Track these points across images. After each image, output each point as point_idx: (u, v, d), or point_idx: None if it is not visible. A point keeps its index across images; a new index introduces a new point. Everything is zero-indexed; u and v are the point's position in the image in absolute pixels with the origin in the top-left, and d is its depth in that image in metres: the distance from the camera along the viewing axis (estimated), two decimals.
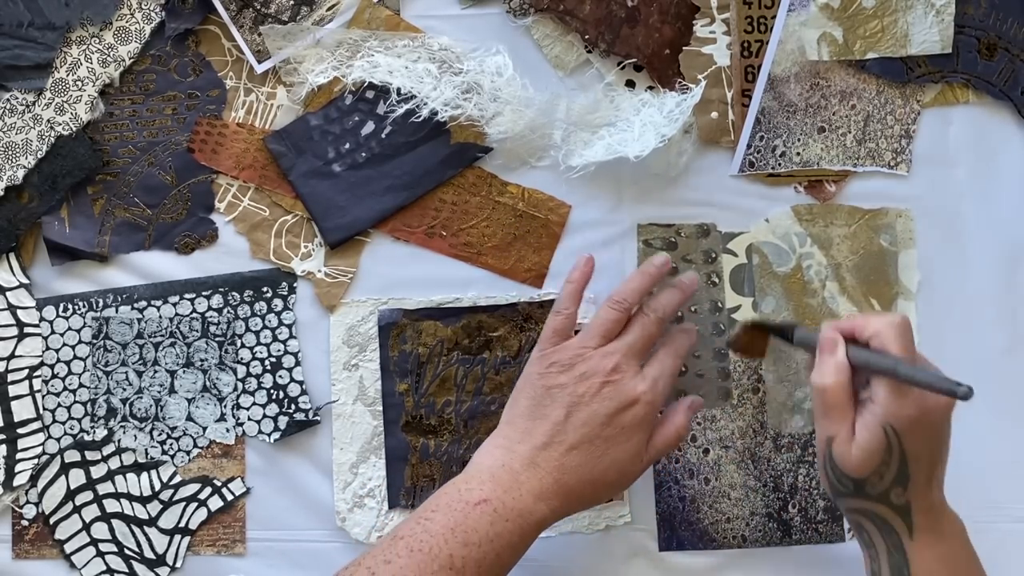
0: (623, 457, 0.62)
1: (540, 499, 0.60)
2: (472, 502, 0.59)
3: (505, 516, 0.59)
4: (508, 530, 0.58)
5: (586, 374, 0.63)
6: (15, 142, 0.71)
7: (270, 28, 0.71)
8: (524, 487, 0.60)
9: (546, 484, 0.61)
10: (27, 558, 0.72)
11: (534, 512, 0.60)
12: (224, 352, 0.72)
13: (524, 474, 0.61)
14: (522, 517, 0.59)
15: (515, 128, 0.71)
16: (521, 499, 0.60)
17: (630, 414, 0.62)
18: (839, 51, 0.71)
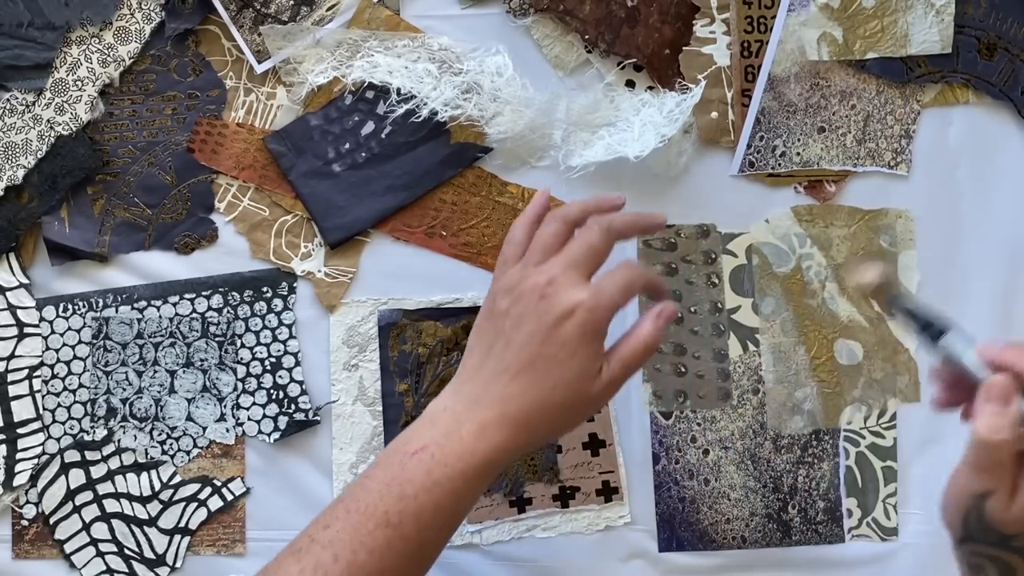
0: (570, 376, 0.56)
1: (481, 438, 0.55)
2: (409, 452, 0.55)
3: (443, 461, 0.55)
4: (448, 476, 0.54)
5: (523, 293, 0.57)
6: (15, 142, 0.71)
7: (270, 28, 0.71)
8: (464, 427, 0.56)
9: (488, 419, 0.56)
10: (27, 558, 0.72)
11: (475, 452, 0.55)
12: (224, 352, 0.73)
13: (465, 413, 0.56)
14: (463, 460, 0.55)
15: (515, 128, 0.71)
16: (461, 441, 0.55)
17: (569, 325, 0.55)
18: (839, 51, 0.71)
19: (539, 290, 0.57)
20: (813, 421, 0.72)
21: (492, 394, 0.56)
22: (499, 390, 0.56)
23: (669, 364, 0.72)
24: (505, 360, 0.57)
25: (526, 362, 0.56)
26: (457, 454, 0.55)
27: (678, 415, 0.72)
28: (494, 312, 0.58)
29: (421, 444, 0.56)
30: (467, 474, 0.55)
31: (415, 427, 0.57)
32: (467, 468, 0.55)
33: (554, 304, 0.56)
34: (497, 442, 0.56)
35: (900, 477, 0.72)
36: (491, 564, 0.72)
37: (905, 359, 0.72)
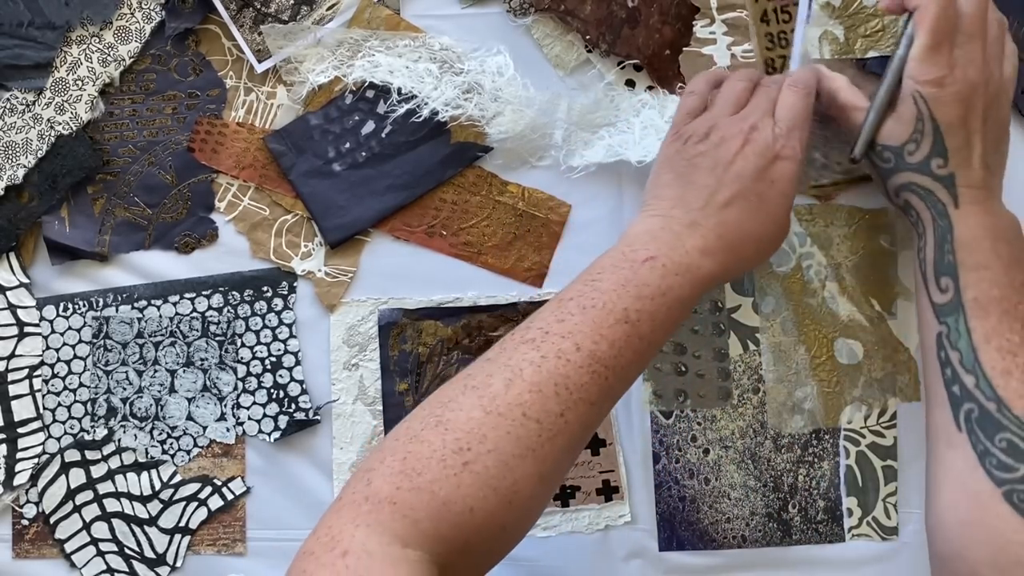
0: (779, 212, 0.61)
1: (705, 254, 0.59)
2: (639, 260, 0.58)
3: (674, 271, 0.58)
4: (679, 284, 0.58)
5: (724, 138, 0.62)
6: (15, 141, 0.71)
7: (270, 28, 0.71)
8: (688, 244, 0.59)
9: (709, 240, 0.60)
10: (27, 558, 0.72)
11: (701, 267, 0.59)
12: (224, 351, 0.73)
13: (685, 233, 0.60)
14: (690, 272, 0.58)
15: (516, 128, 0.71)
16: (687, 255, 0.59)
17: (779, 167, 0.61)
18: (840, 49, 0.71)
19: (743, 134, 0.61)
20: (813, 420, 0.72)
21: (709, 220, 0.60)
22: (714, 215, 0.60)
23: (669, 363, 0.72)
24: (715, 192, 0.61)
25: (739, 195, 0.60)
26: (685, 266, 0.58)
27: (678, 414, 0.72)
28: (687, 152, 0.63)
29: (649, 254, 0.59)
30: (693, 285, 0.59)
31: (634, 240, 0.60)
32: (693, 280, 0.59)
33: (762, 147, 0.61)
34: (720, 260, 0.60)
35: (900, 476, 0.72)
36: None
37: (905, 358, 0.72)
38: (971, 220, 0.61)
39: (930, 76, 0.61)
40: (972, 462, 0.59)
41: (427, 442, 0.52)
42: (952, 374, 0.60)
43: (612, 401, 0.58)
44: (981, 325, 0.60)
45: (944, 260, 0.61)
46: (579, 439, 0.56)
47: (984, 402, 0.59)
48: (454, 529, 0.51)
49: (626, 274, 0.58)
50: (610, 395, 0.56)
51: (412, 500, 0.50)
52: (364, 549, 0.48)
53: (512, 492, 0.52)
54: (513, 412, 0.52)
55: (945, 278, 0.61)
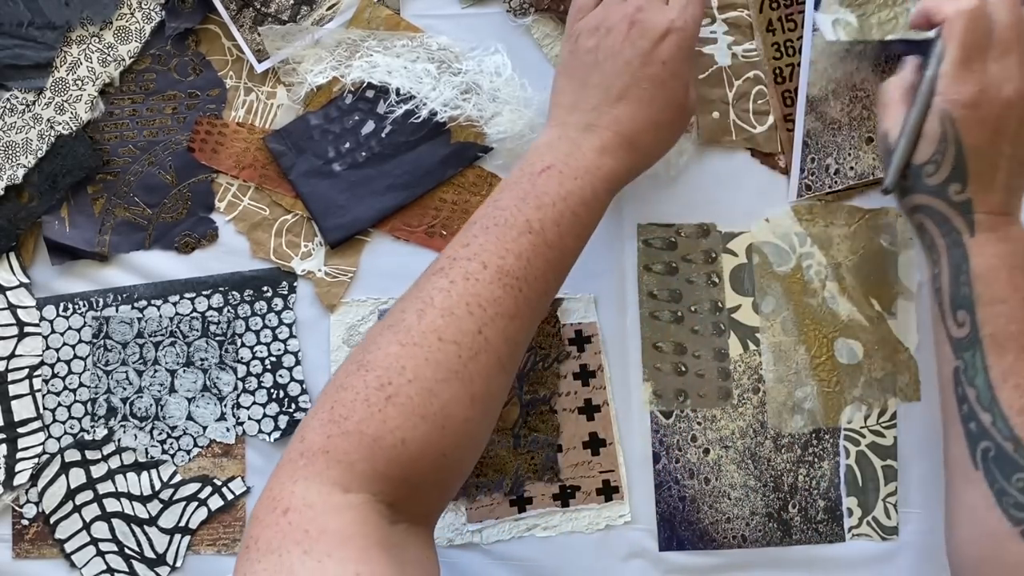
0: (673, 94, 0.60)
1: (604, 153, 0.59)
2: (536, 172, 0.58)
3: (572, 175, 0.58)
4: (579, 186, 0.58)
5: (611, 26, 0.61)
6: (15, 141, 0.71)
7: (269, 28, 0.71)
8: (584, 147, 0.59)
9: (606, 139, 0.59)
10: (27, 557, 0.72)
11: (601, 166, 0.59)
12: (224, 351, 0.73)
13: (581, 137, 0.60)
14: (589, 173, 0.58)
15: (514, 128, 0.70)
16: (584, 157, 0.59)
17: (666, 46, 0.59)
18: (854, 33, 0.70)
19: (628, 18, 0.60)
20: (813, 420, 0.72)
21: (604, 118, 0.60)
22: (610, 113, 0.60)
23: (669, 363, 0.72)
24: (608, 88, 0.60)
25: (630, 85, 0.59)
26: (584, 168, 0.58)
27: (678, 414, 0.72)
28: (579, 51, 0.62)
29: (546, 164, 0.59)
30: (595, 187, 0.58)
31: (533, 154, 0.60)
32: (595, 181, 0.58)
33: (647, 28, 0.59)
34: (620, 156, 0.59)
35: (900, 476, 0.72)
36: (491, 563, 0.72)
37: (905, 358, 0.72)
38: (987, 249, 0.59)
39: (963, 96, 0.58)
40: (989, 500, 0.58)
41: (351, 387, 0.52)
42: (969, 410, 0.60)
43: (534, 314, 0.57)
44: (998, 363, 0.59)
45: (960, 293, 0.60)
46: (507, 356, 0.55)
47: (1001, 441, 0.58)
48: (391, 464, 0.50)
49: (525, 187, 0.58)
50: (529, 307, 0.56)
51: (343, 444, 0.50)
52: (304, 503, 0.48)
53: (443, 416, 0.52)
54: (428, 339, 0.52)
55: (962, 312, 0.60)
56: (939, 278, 0.61)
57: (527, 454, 0.72)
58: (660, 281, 0.72)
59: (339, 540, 0.47)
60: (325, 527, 0.48)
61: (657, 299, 0.72)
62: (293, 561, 0.46)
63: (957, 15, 0.58)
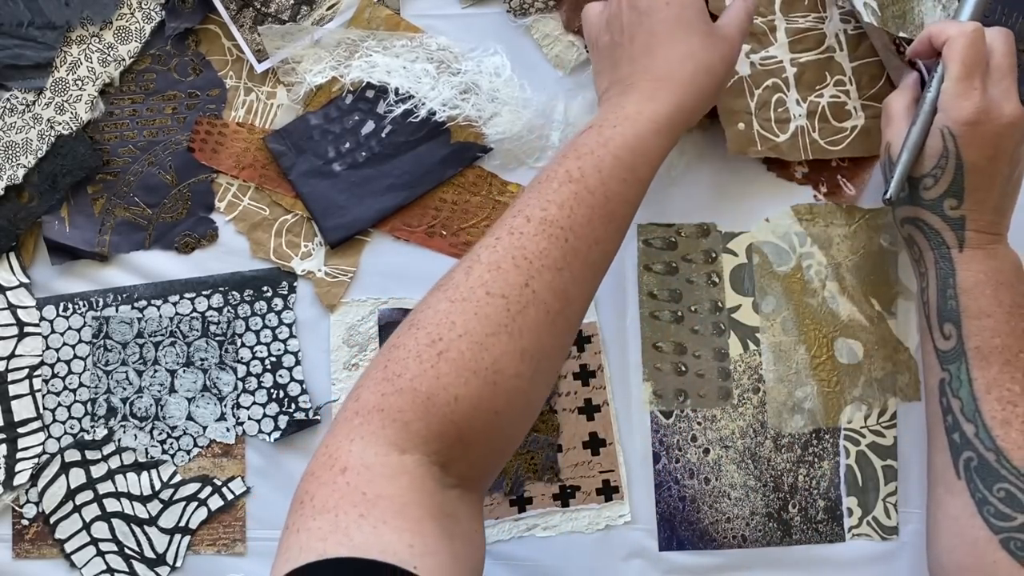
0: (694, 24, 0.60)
1: (643, 99, 0.59)
2: (579, 133, 0.59)
3: (612, 124, 0.58)
4: (619, 133, 0.57)
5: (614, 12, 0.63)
6: (15, 141, 0.71)
7: (268, 28, 0.71)
8: (624, 102, 0.59)
9: (642, 87, 0.59)
10: (27, 558, 0.72)
11: (642, 111, 0.58)
12: (224, 351, 0.73)
13: (621, 97, 0.60)
14: (630, 119, 0.58)
15: (513, 129, 0.70)
16: (623, 109, 0.59)
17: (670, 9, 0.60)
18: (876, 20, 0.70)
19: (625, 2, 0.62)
20: (813, 420, 0.72)
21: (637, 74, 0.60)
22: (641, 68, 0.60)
23: (669, 363, 0.72)
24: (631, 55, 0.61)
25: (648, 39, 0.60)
26: (623, 116, 0.58)
27: (678, 414, 0.72)
28: (601, 48, 0.64)
29: (588, 126, 0.59)
30: (638, 130, 0.57)
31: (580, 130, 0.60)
32: (636, 125, 0.58)
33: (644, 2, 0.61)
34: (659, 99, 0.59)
35: (900, 476, 0.72)
36: (491, 564, 0.72)
37: (905, 358, 0.72)
38: (974, 265, 0.61)
39: (964, 113, 0.60)
40: (971, 509, 0.60)
41: (403, 346, 0.52)
42: (953, 421, 0.61)
43: (584, 265, 0.55)
44: (982, 375, 0.61)
45: (947, 305, 0.62)
46: (556, 310, 0.54)
47: (983, 452, 0.60)
48: (444, 422, 0.50)
49: (567, 148, 0.58)
50: (578, 257, 0.55)
51: (398, 403, 0.50)
52: (362, 463, 0.48)
53: (494, 372, 0.51)
54: (476, 294, 0.52)
55: (948, 324, 0.62)
56: (926, 291, 0.63)
57: (527, 454, 0.72)
58: (660, 281, 0.72)
59: (396, 508, 0.47)
60: (382, 491, 0.47)
61: (657, 299, 0.72)
62: (349, 523, 0.46)
63: (959, 34, 0.61)
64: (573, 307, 0.55)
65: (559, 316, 0.54)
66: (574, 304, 0.55)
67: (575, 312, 0.56)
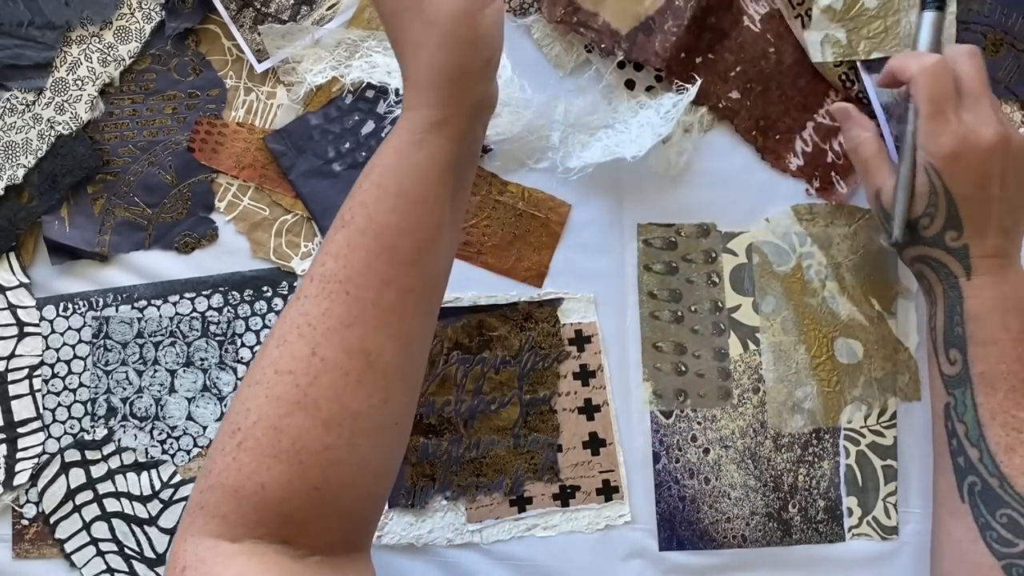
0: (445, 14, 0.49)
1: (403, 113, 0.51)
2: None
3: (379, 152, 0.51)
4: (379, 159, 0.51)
5: None
6: (15, 141, 0.71)
7: (268, 28, 0.71)
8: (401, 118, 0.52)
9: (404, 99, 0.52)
10: (27, 558, 0.72)
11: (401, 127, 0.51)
12: (224, 351, 0.73)
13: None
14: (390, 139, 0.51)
15: (513, 130, 0.70)
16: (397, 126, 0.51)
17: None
18: (844, 52, 0.71)
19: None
20: (813, 420, 0.72)
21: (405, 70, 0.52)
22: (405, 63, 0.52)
23: (669, 363, 0.72)
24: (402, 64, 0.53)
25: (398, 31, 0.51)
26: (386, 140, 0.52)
27: (678, 414, 0.72)
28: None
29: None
30: (397, 147, 0.51)
31: None
32: (396, 142, 0.51)
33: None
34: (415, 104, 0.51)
35: (900, 476, 0.72)
36: (491, 564, 0.72)
37: (905, 358, 0.72)
38: (983, 292, 0.61)
39: (942, 148, 0.60)
40: (973, 534, 0.60)
41: (216, 438, 0.50)
42: (958, 445, 0.62)
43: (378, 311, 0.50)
44: (987, 400, 0.61)
45: (953, 332, 0.62)
46: (358, 368, 0.49)
47: (987, 477, 0.60)
48: (259, 510, 0.48)
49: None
50: (366, 308, 0.49)
51: (212, 498, 0.49)
52: (197, 557, 0.48)
53: (296, 451, 0.48)
54: (266, 374, 0.49)
55: (954, 350, 0.62)
56: (935, 318, 0.64)
57: (527, 454, 0.72)
58: (660, 281, 0.72)
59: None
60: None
61: (657, 299, 0.72)
62: None
63: (920, 71, 0.61)
64: (382, 360, 0.50)
65: (364, 374, 0.49)
66: (382, 356, 0.50)
67: (390, 364, 0.50)
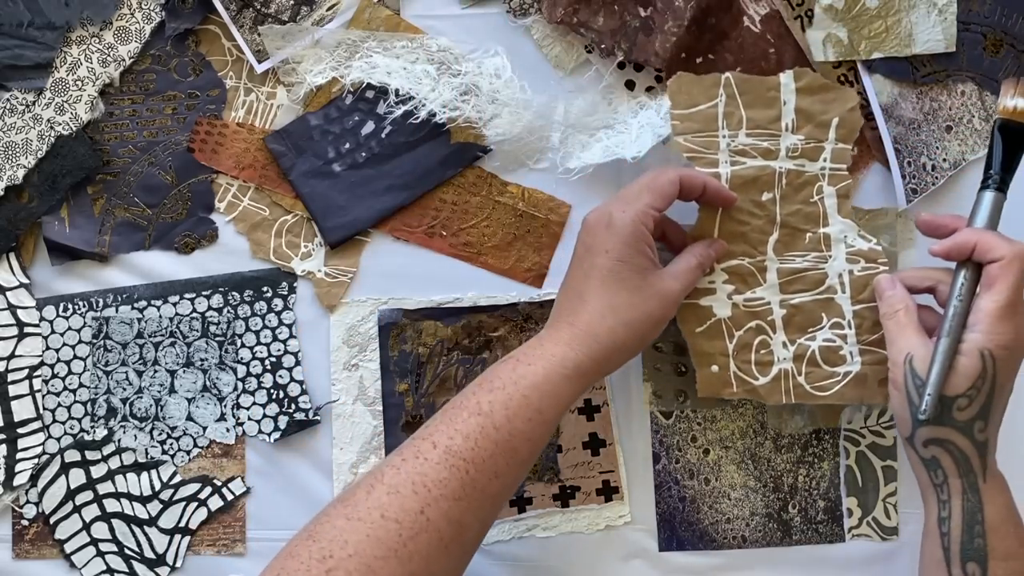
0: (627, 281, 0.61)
1: (560, 343, 0.60)
2: (500, 363, 0.60)
3: (526, 361, 0.59)
4: (532, 372, 0.58)
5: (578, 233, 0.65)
6: (15, 142, 0.71)
7: (268, 28, 0.71)
8: (545, 340, 0.61)
9: (563, 330, 0.60)
10: (27, 558, 0.72)
11: (555, 354, 0.59)
12: (224, 352, 0.73)
13: (549, 332, 0.61)
14: (543, 359, 0.59)
15: (513, 130, 0.70)
16: (542, 347, 0.60)
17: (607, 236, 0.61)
18: (845, 51, 0.71)
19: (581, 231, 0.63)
20: (813, 420, 0.72)
21: (567, 316, 0.61)
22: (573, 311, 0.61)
23: (669, 363, 0.72)
24: (572, 290, 0.62)
25: (583, 281, 0.62)
26: (538, 355, 0.60)
27: (678, 414, 0.72)
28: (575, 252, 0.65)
29: (510, 357, 0.61)
30: (549, 372, 0.59)
31: None
32: (548, 366, 0.59)
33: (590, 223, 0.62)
34: (574, 347, 0.60)
35: (900, 476, 0.72)
36: (491, 564, 0.72)
37: None
38: (999, 499, 0.59)
39: (1006, 338, 0.58)
40: None
41: (297, 556, 0.53)
42: None
43: (483, 497, 0.56)
44: None
45: (973, 544, 0.59)
46: (451, 537, 0.55)
47: None
48: None
49: (486, 376, 0.59)
50: (476, 489, 0.56)
51: None
52: None
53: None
54: (372, 515, 0.53)
55: (972, 564, 0.59)
56: (947, 522, 0.60)
57: None
58: None
59: None
60: None
61: None
62: None
63: (1016, 257, 0.58)
64: (468, 534, 0.56)
65: (453, 543, 0.55)
66: (469, 532, 0.56)
67: (471, 539, 0.57)
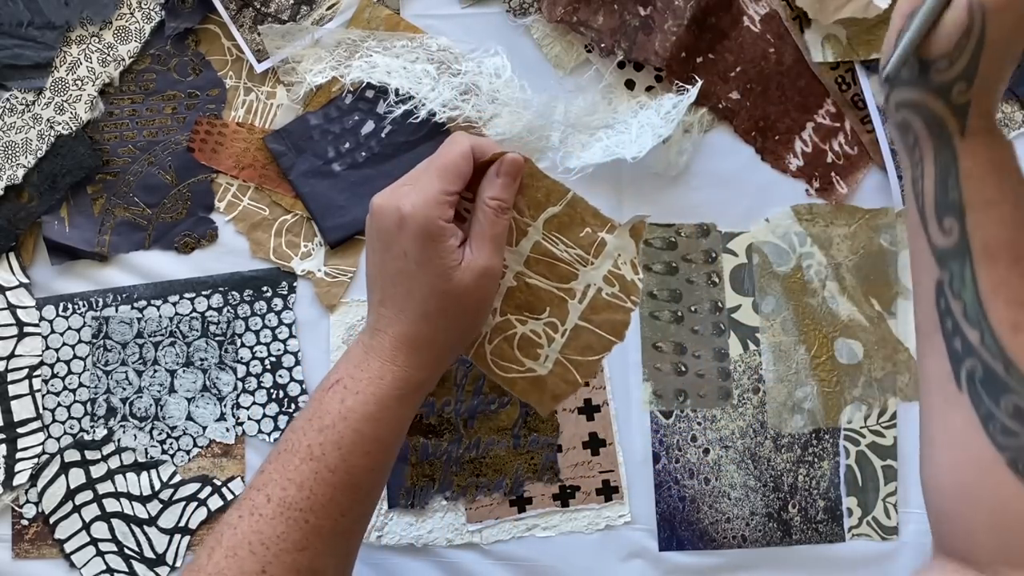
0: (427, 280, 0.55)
1: (385, 359, 0.56)
2: (325, 388, 0.56)
3: (355, 389, 0.55)
4: (361, 402, 0.55)
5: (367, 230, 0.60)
6: (15, 141, 0.71)
7: (268, 28, 0.71)
8: (371, 355, 0.56)
9: (386, 344, 0.56)
10: (27, 558, 0.72)
11: (384, 375, 0.55)
12: (224, 351, 0.73)
13: (371, 342, 0.57)
14: (373, 384, 0.55)
15: (513, 130, 0.70)
16: (369, 367, 0.56)
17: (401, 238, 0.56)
18: (843, 52, 0.71)
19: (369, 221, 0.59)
20: (813, 420, 0.72)
21: (381, 320, 0.57)
22: (382, 316, 0.57)
23: (669, 363, 0.72)
24: (374, 292, 0.58)
25: (387, 285, 0.57)
26: (367, 379, 0.55)
27: (678, 414, 0.72)
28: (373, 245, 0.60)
29: (336, 378, 0.56)
30: (380, 398, 0.55)
31: (338, 361, 0.58)
32: (379, 392, 0.55)
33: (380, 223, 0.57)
34: (400, 363, 0.56)
35: (900, 476, 0.72)
36: (491, 564, 0.72)
37: (905, 358, 0.72)
38: (978, 153, 0.53)
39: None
40: (974, 424, 0.52)
41: None
42: (953, 326, 0.54)
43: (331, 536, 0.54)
44: (989, 273, 0.52)
45: (948, 197, 0.53)
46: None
47: (990, 361, 0.52)
48: None
49: (315, 407, 0.56)
50: (323, 533, 0.54)
51: None
52: None
53: None
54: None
55: (948, 218, 0.54)
56: (921, 182, 0.55)
57: (527, 454, 0.72)
58: (660, 281, 0.72)
59: None
60: None
61: (657, 299, 0.72)
62: None
63: None
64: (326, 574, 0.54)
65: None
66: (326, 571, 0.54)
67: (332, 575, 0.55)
